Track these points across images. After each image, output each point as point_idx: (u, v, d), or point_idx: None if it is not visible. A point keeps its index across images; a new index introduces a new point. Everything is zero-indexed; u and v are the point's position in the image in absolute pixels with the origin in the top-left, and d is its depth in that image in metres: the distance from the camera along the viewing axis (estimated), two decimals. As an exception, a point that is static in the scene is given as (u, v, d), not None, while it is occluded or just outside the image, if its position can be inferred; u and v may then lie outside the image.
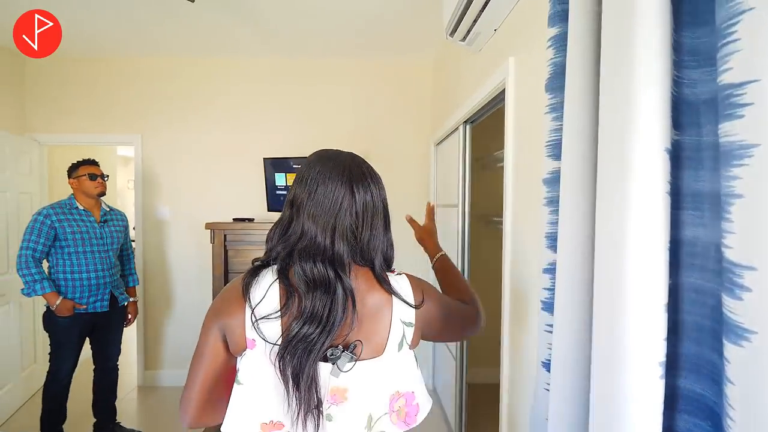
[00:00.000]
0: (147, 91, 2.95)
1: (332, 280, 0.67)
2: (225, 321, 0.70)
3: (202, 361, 0.71)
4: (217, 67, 2.98)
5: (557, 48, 0.82)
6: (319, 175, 0.72)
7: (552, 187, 0.85)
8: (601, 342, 0.58)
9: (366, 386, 0.68)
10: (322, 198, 0.70)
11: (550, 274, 0.85)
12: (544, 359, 0.88)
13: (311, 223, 0.70)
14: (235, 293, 0.71)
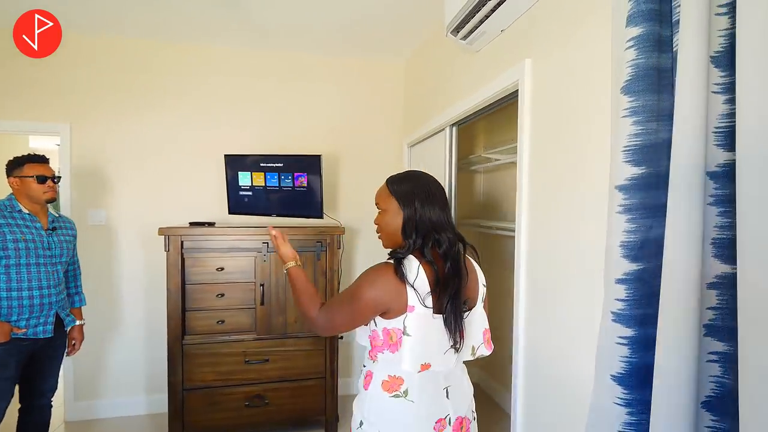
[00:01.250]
0: (81, 73, 2.51)
1: (457, 247, 1.02)
2: (388, 298, 0.95)
3: (354, 317, 1.00)
4: (174, 52, 2.62)
5: (640, 49, 0.78)
6: (424, 183, 1.06)
7: (630, 194, 0.81)
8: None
9: (472, 328, 1.04)
10: (436, 195, 1.04)
11: (625, 285, 0.82)
12: (616, 372, 0.84)
13: (435, 213, 1.02)
14: (393, 282, 0.95)
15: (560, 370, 1.24)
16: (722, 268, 0.68)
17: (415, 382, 0.98)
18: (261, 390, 2.34)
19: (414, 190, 1.03)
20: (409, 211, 1.02)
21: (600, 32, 1.10)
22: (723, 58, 0.68)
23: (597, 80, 1.11)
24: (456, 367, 1.04)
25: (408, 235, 1.01)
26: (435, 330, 0.95)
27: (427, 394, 0.99)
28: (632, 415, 0.83)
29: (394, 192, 1.05)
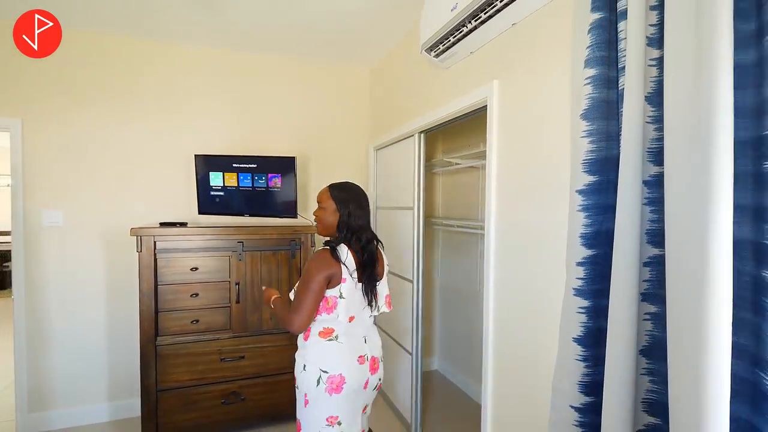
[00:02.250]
0: (35, 65, 2.37)
1: (374, 243, 1.49)
2: (331, 272, 1.36)
3: (314, 295, 1.35)
4: (141, 48, 2.56)
5: (595, 86, 1.02)
6: (356, 194, 1.50)
7: (587, 196, 1.05)
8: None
9: (380, 292, 1.51)
10: (364, 205, 1.49)
11: (585, 267, 1.05)
12: (576, 335, 1.07)
13: (362, 217, 1.46)
14: (331, 260, 1.37)
15: (526, 342, 1.47)
16: (653, 251, 0.93)
17: (342, 329, 1.41)
18: (237, 387, 2.38)
19: (349, 199, 1.46)
20: (344, 214, 1.45)
21: (557, 63, 1.34)
22: (653, 97, 0.93)
23: (555, 102, 1.35)
24: (370, 322, 1.52)
25: (341, 231, 1.44)
26: (358, 294, 1.42)
27: (351, 338, 1.42)
28: (588, 368, 1.07)
29: (334, 197, 1.47)
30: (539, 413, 1.38)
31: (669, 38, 0.83)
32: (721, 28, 0.73)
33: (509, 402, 1.58)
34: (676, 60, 0.81)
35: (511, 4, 1.41)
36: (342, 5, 2.18)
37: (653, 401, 0.94)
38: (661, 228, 0.91)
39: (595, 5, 1.03)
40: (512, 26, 1.55)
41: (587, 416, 1.07)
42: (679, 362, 0.77)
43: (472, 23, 1.60)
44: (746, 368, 0.73)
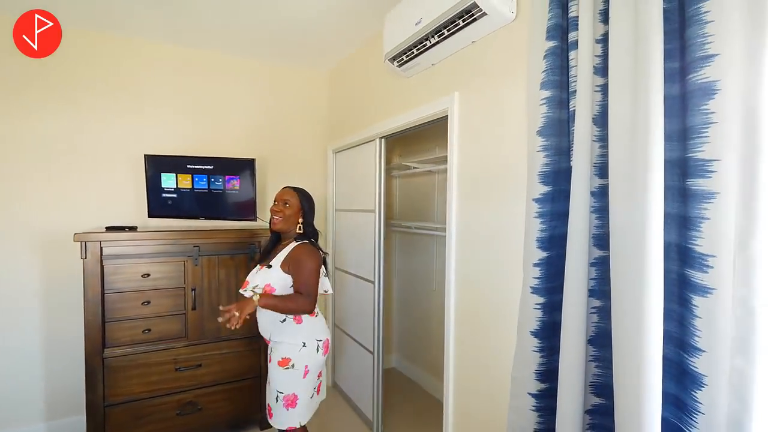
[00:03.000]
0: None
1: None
2: (320, 261, 1.70)
3: (318, 282, 1.67)
4: (85, 39, 2.37)
5: (549, 106, 1.14)
6: (312, 198, 1.84)
7: (542, 204, 1.17)
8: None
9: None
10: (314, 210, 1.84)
11: (541, 267, 1.18)
12: (533, 329, 1.20)
13: (312, 219, 1.81)
14: (318, 252, 1.71)
15: (487, 336, 1.59)
16: (598, 252, 1.07)
17: (320, 307, 1.77)
18: (193, 396, 2.30)
19: (310, 201, 1.82)
20: (308, 214, 1.79)
21: (512, 79, 1.47)
22: (598, 118, 1.06)
23: (510, 114, 1.48)
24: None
25: (307, 227, 1.77)
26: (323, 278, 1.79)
27: (320, 312, 1.77)
28: (544, 358, 1.19)
29: (300, 198, 1.78)
30: (498, 403, 1.50)
31: (612, 69, 0.97)
32: (654, 64, 0.87)
33: (469, 392, 1.69)
34: (618, 89, 0.95)
35: (472, 23, 1.52)
36: (305, 10, 2.18)
37: (599, 383, 1.08)
38: (605, 233, 1.05)
39: (549, 35, 1.15)
40: (472, 43, 1.66)
41: (543, 401, 1.20)
42: (623, 348, 0.90)
43: (435, 38, 1.69)
44: (673, 351, 0.88)
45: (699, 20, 0.82)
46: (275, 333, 1.69)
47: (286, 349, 1.66)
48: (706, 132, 0.81)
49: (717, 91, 0.80)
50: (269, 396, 1.71)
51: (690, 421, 0.84)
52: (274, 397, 1.67)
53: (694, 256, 0.83)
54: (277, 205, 1.76)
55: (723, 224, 0.79)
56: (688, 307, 0.84)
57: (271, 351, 1.73)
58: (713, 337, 0.80)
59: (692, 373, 0.83)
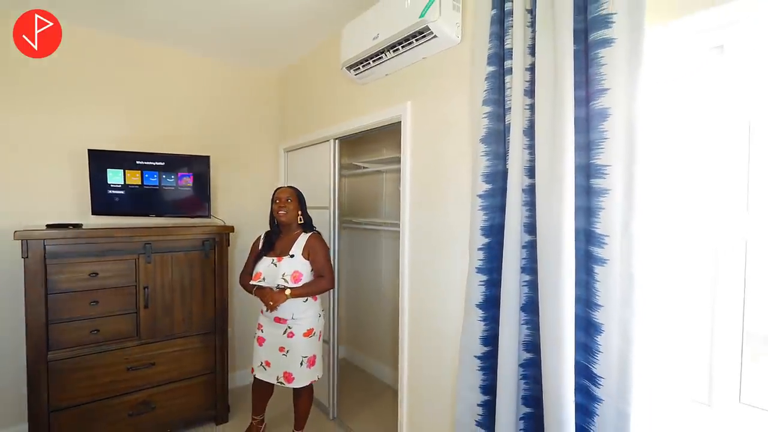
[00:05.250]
0: None
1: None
2: None
3: (331, 264, 2.19)
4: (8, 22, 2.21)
5: (490, 119, 1.40)
6: (302, 195, 2.20)
7: (484, 200, 1.43)
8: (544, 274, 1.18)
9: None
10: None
11: (483, 251, 1.43)
12: (478, 302, 1.45)
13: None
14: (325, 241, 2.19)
15: (435, 315, 1.83)
16: (527, 237, 1.34)
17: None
18: (146, 396, 2.28)
19: (303, 197, 2.19)
20: (304, 207, 2.17)
21: (457, 92, 1.72)
22: (528, 131, 1.33)
23: (455, 123, 1.73)
24: None
25: (306, 219, 2.15)
26: None
27: None
28: (486, 325, 1.45)
29: (297, 197, 2.14)
30: (446, 375, 1.75)
31: (537, 93, 1.24)
32: (567, 92, 1.14)
33: (422, 368, 1.92)
34: (541, 109, 1.22)
35: (424, 43, 1.74)
36: (259, 11, 2.26)
37: (528, 342, 1.35)
38: (533, 222, 1.32)
39: (490, 60, 1.41)
40: (423, 59, 1.89)
41: (486, 362, 1.45)
42: (547, 310, 1.17)
43: (390, 53, 1.89)
44: (582, 309, 1.17)
45: (597, 62, 1.11)
46: (297, 312, 2.04)
47: (309, 322, 2.06)
48: (602, 145, 1.10)
49: (609, 116, 1.09)
50: (290, 364, 2.04)
51: (593, 359, 1.13)
52: (298, 363, 2.04)
53: (595, 236, 1.12)
54: (281, 202, 2.10)
55: (613, 212, 1.08)
56: (592, 274, 1.13)
57: (290, 327, 2.04)
58: (608, 295, 1.09)
59: (595, 324, 1.12)
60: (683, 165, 1.16)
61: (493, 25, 1.41)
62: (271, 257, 2.06)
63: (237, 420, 2.59)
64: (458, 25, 1.69)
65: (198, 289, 2.45)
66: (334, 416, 2.64)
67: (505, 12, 1.38)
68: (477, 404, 1.47)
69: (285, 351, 2.04)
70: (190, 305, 2.42)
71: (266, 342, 2.08)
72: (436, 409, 1.84)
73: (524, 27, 1.33)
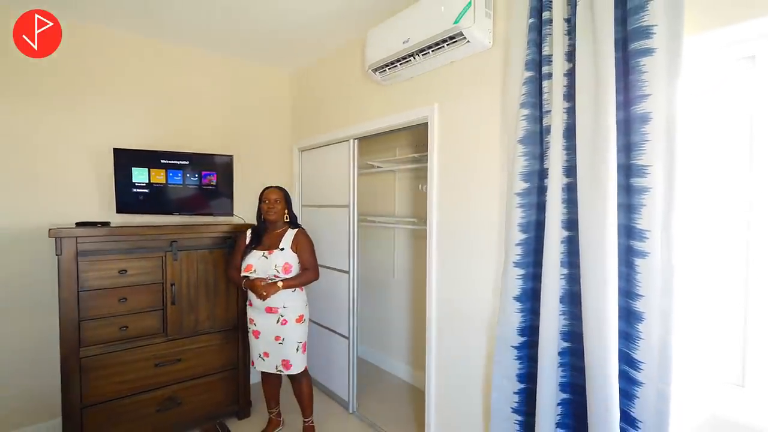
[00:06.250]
0: None
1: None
2: None
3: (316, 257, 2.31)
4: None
5: (528, 121, 1.48)
6: (289, 194, 2.33)
7: (522, 198, 1.51)
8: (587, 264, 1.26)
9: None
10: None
11: (521, 246, 1.51)
12: (515, 294, 1.52)
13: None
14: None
15: (465, 310, 1.90)
16: (565, 233, 1.42)
17: None
18: (173, 391, 2.31)
19: (289, 197, 2.31)
20: (290, 206, 2.30)
21: (485, 96, 1.80)
22: (565, 132, 1.42)
23: (483, 125, 1.81)
24: None
25: (291, 217, 2.29)
26: None
27: None
28: (523, 317, 1.53)
29: (284, 196, 2.27)
30: (476, 365, 1.82)
31: (578, 98, 1.32)
32: (610, 96, 1.23)
33: (450, 359, 1.99)
34: (583, 112, 1.30)
35: (455, 48, 1.82)
36: (280, 15, 2.31)
37: (566, 332, 1.43)
38: (570, 218, 1.41)
39: (527, 66, 1.49)
40: (450, 63, 1.97)
41: (522, 351, 1.53)
42: (591, 301, 1.25)
43: (419, 57, 1.96)
44: (622, 299, 1.25)
45: (639, 70, 1.19)
46: (288, 300, 2.16)
47: (299, 309, 2.21)
48: (644, 146, 1.19)
49: (651, 119, 1.17)
50: (287, 351, 2.16)
51: (633, 346, 1.22)
52: (295, 348, 2.18)
53: (635, 231, 1.21)
54: (270, 203, 2.22)
55: (654, 209, 1.17)
56: (632, 267, 1.22)
57: (282, 315, 2.15)
58: (649, 285, 1.18)
59: (635, 312, 1.21)
60: (716, 164, 1.26)
61: (531, 32, 1.49)
62: (261, 251, 2.17)
63: (257, 415, 2.63)
64: (489, 31, 1.77)
65: (221, 286, 2.48)
66: (354, 410, 2.70)
67: (543, 21, 1.46)
68: (513, 392, 1.55)
69: (281, 339, 2.16)
70: (213, 302, 2.45)
71: (261, 334, 2.19)
72: (465, 398, 1.91)
73: (562, 35, 1.41)
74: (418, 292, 3.07)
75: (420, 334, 3.03)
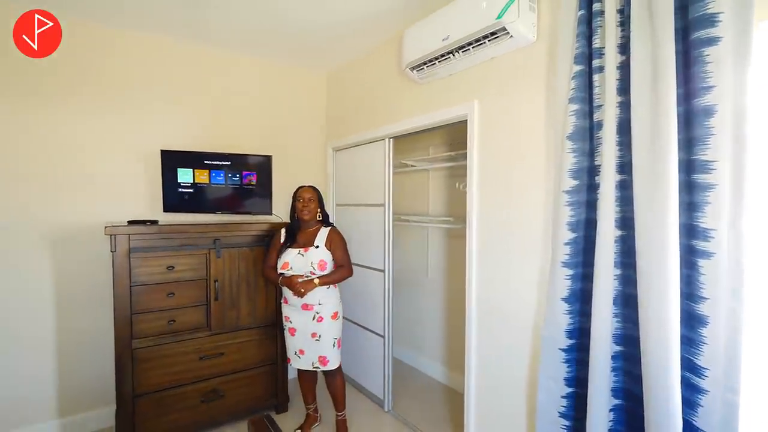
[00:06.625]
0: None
1: None
2: None
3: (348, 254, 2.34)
4: (98, 34, 2.35)
5: (577, 117, 1.43)
6: (320, 193, 2.35)
7: (571, 195, 1.46)
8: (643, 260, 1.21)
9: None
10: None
11: (570, 246, 1.47)
12: (563, 296, 1.48)
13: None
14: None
15: (507, 310, 1.87)
16: (618, 232, 1.37)
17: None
18: (216, 384, 2.39)
19: (322, 197, 2.34)
20: (323, 205, 2.32)
21: (528, 92, 1.75)
22: (619, 127, 1.36)
23: (529, 120, 1.76)
24: None
25: (324, 215, 2.32)
26: None
27: None
28: (571, 319, 1.48)
29: (318, 195, 2.30)
30: (520, 365, 1.79)
31: (633, 91, 1.27)
32: (670, 89, 1.17)
33: (490, 358, 1.96)
34: (639, 106, 1.25)
35: (497, 43, 1.78)
36: (314, 17, 2.34)
37: (619, 335, 1.38)
38: (623, 216, 1.35)
39: (576, 60, 1.44)
40: (491, 59, 1.93)
41: (570, 354, 1.49)
42: (650, 303, 1.20)
43: (458, 54, 1.94)
44: (683, 302, 1.19)
45: (702, 60, 1.13)
46: (323, 297, 2.21)
47: (334, 305, 2.25)
48: (708, 141, 1.12)
49: (716, 112, 1.11)
50: (323, 348, 2.21)
51: (696, 351, 1.16)
52: (331, 344, 2.23)
53: (698, 231, 1.15)
54: (304, 202, 2.26)
55: (720, 206, 1.11)
56: (695, 268, 1.16)
57: (318, 312, 2.20)
58: (714, 287, 1.11)
59: (698, 316, 1.15)
60: (786, 160, 1.17)
61: (580, 25, 1.44)
62: (297, 249, 2.21)
63: (295, 410, 2.68)
64: (534, 25, 1.72)
65: (261, 283, 2.54)
66: (389, 408, 2.70)
67: (593, 12, 1.41)
68: (561, 396, 1.51)
69: (317, 336, 2.20)
70: (253, 298, 2.52)
71: (298, 331, 2.23)
72: (507, 398, 1.87)
73: (615, 26, 1.36)
74: (453, 291, 3.04)
75: (455, 333, 3.00)
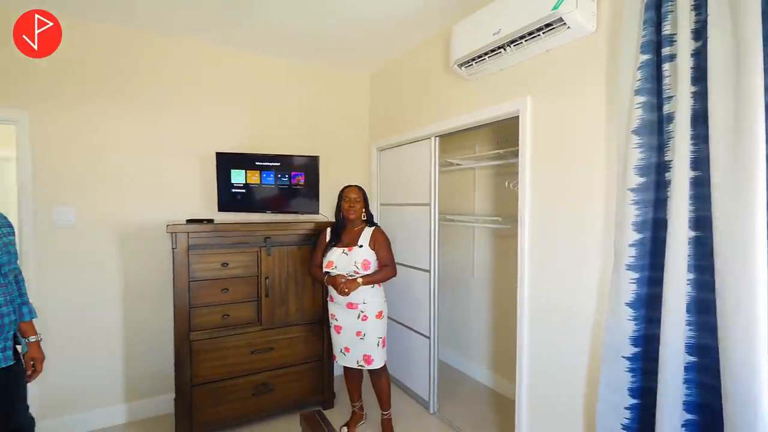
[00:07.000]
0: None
1: None
2: None
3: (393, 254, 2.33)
4: (157, 43, 2.51)
5: (644, 110, 1.34)
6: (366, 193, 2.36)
7: (637, 194, 1.37)
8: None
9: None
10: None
11: (636, 247, 1.37)
12: (628, 300, 1.39)
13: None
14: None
15: (562, 314, 1.78)
16: (692, 233, 1.27)
17: None
18: (266, 378, 2.47)
19: (367, 197, 2.35)
20: (368, 204, 2.34)
21: (587, 85, 1.66)
22: (694, 119, 1.26)
23: (588, 114, 1.67)
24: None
25: (368, 215, 2.33)
26: None
27: None
28: (637, 325, 1.39)
29: (363, 195, 2.32)
30: (577, 371, 1.70)
31: (711, 80, 1.16)
32: (756, 76, 1.06)
33: (543, 362, 1.88)
34: (718, 96, 1.15)
35: (552, 35, 1.71)
36: (355, 20, 2.37)
37: (692, 344, 1.27)
38: (697, 216, 1.25)
39: (643, 49, 1.34)
40: (546, 52, 1.85)
41: (635, 363, 1.39)
42: (736, 311, 1.09)
43: (510, 48, 1.88)
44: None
45: (796, 43, 1.02)
46: (368, 296, 2.21)
47: (378, 305, 2.25)
48: (803, 132, 1.01)
49: (812, 100, 1.00)
50: (368, 346, 2.21)
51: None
52: (375, 344, 2.22)
53: (791, 232, 1.03)
54: (350, 201, 2.28)
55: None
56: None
57: (362, 311, 2.21)
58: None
59: (790, 325, 1.04)
60: None
61: (647, 11, 1.35)
62: (341, 248, 2.23)
63: (340, 406, 2.71)
64: (593, 14, 1.64)
65: (308, 280, 2.60)
66: (435, 410, 2.67)
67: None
68: (624, 407, 1.42)
69: (362, 335, 2.21)
70: (302, 295, 2.58)
71: (343, 329, 2.25)
72: (562, 406, 1.79)
73: (689, 11, 1.25)
74: (500, 292, 2.96)
75: (502, 336, 2.92)
